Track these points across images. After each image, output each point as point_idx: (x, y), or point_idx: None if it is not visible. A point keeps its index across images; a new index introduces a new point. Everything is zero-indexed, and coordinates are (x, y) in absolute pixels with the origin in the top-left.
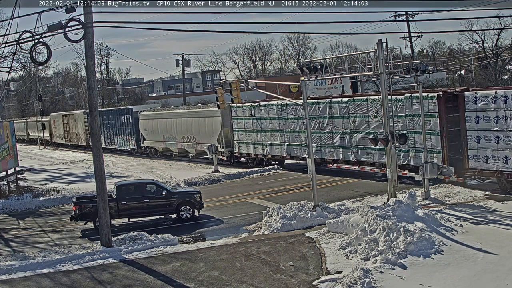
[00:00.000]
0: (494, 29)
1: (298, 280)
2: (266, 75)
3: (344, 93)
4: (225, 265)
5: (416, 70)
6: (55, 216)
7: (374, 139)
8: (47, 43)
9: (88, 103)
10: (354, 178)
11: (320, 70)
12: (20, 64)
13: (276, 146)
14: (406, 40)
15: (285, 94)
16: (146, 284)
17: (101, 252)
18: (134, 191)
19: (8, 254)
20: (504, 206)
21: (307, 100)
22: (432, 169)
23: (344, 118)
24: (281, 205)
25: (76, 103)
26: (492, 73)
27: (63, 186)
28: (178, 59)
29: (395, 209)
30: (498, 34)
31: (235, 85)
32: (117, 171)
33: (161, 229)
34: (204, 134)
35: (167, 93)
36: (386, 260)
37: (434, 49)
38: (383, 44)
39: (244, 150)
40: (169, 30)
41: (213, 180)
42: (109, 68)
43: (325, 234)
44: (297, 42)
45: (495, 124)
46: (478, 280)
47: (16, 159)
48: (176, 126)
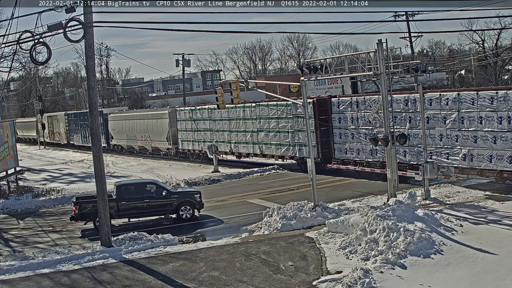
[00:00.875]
0: (494, 29)
1: (298, 280)
2: (266, 75)
3: (344, 93)
4: (225, 265)
5: (416, 70)
6: (55, 216)
7: (374, 139)
8: (47, 43)
9: (88, 103)
10: (354, 178)
11: (320, 70)
12: (20, 64)
13: (208, 143)
14: (406, 40)
15: (285, 94)
16: (146, 284)
17: (101, 252)
18: (134, 191)
19: (8, 254)
20: (504, 206)
21: (234, 105)
22: (432, 169)
23: (253, 120)
24: (281, 205)
25: (76, 103)
26: (492, 73)
27: (63, 186)
28: (178, 59)
29: (395, 209)
30: (498, 34)
31: (235, 85)
32: (117, 171)
33: (161, 229)
34: (156, 133)
35: (167, 93)
36: (386, 260)
37: (434, 49)
38: (383, 44)
39: (186, 146)
40: (169, 30)
41: (213, 180)
42: (109, 68)
43: (325, 234)
44: (297, 42)
45: (351, 124)
46: (478, 280)
47: (16, 159)
48: (136, 126)
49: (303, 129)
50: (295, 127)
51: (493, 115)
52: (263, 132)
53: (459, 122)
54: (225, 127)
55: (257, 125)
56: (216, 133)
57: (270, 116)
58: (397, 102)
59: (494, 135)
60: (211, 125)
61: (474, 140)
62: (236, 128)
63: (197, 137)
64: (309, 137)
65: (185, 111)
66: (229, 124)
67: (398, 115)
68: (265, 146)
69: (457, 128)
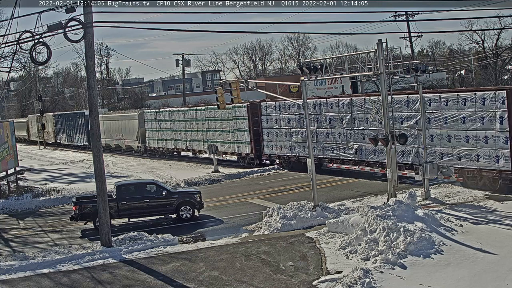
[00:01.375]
0: (494, 29)
1: (298, 280)
2: (266, 75)
3: (344, 93)
4: (225, 265)
5: (416, 70)
6: (55, 216)
7: (374, 139)
8: (47, 43)
9: (88, 103)
10: (354, 178)
11: (320, 70)
12: (20, 64)
13: (169, 141)
14: (406, 40)
15: (285, 94)
16: (146, 284)
17: (101, 252)
18: (134, 191)
19: (8, 254)
20: (504, 206)
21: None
22: (432, 169)
23: (203, 121)
24: (281, 205)
25: (76, 103)
26: (492, 73)
27: (63, 186)
28: (178, 59)
29: (395, 209)
30: (498, 34)
31: (235, 85)
32: (117, 171)
33: (161, 229)
34: (128, 133)
35: (167, 93)
36: (386, 260)
37: (434, 49)
38: (383, 44)
39: (153, 144)
40: (169, 30)
41: (213, 180)
42: (109, 68)
43: (325, 234)
44: (297, 42)
45: (275, 124)
46: (478, 280)
47: (16, 159)
48: (112, 126)
49: (241, 129)
50: (235, 127)
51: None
52: (211, 131)
53: (351, 122)
54: (182, 127)
55: (206, 125)
56: (175, 132)
57: (216, 117)
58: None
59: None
60: (171, 126)
61: (363, 137)
62: (190, 128)
63: (161, 136)
64: (309, 137)
65: (151, 113)
66: (185, 124)
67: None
68: (210, 143)
69: (350, 127)
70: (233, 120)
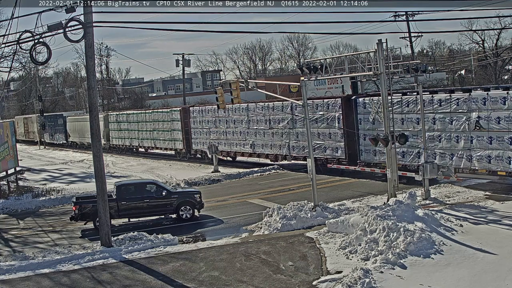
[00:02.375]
0: (494, 29)
1: (298, 280)
2: (266, 75)
3: (344, 93)
4: (225, 265)
5: (416, 70)
6: (55, 216)
7: (374, 139)
8: (47, 43)
9: (88, 103)
10: (354, 178)
11: (320, 70)
12: (20, 64)
13: (126, 139)
14: (406, 40)
15: (285, 94)
16: (146, 284)
17: (101, 252)
18: (134, 191)
19: (8, 254)
20: (504, 206)
21: (141, 110)
22: (432, 169)
23: (150, 122)
24: (281, 205)
25: (76, 103)
26: (492, 73)
27: (63, 186)
28: (178, 59)
29: (395, 209)
30: (498, 34)
31: (235, 85)
32: (117, 171)
33: (161, 229)
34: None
35: (167, 93)
36: (386, 260)
37: (434, 49)
38: (383, 44)
39: (115, 142)
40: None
41: (213, 180)
42: (109, 68)
43: (325, 234)
44: (297, 42)
45: (199, 125)
46: (478, 280)
47: (16, 159)
48: (83, 126)
49: (176, 129)
50: (172, 128)
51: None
52: (155, 131)
53: (247, 122)
54: (136, 127)
55: (152, 126)
56: (131, 132)
57: (159, 119)
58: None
59: (264, 131)
60: (128, 126)
61: (255, 134)
62: (142, 128)
63: (121, 135)
64: (309, 137)
65: (113, 115)
66: (138, 125)
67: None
68: (157, 141)
69: (246, 127)
70: (170, 121)
